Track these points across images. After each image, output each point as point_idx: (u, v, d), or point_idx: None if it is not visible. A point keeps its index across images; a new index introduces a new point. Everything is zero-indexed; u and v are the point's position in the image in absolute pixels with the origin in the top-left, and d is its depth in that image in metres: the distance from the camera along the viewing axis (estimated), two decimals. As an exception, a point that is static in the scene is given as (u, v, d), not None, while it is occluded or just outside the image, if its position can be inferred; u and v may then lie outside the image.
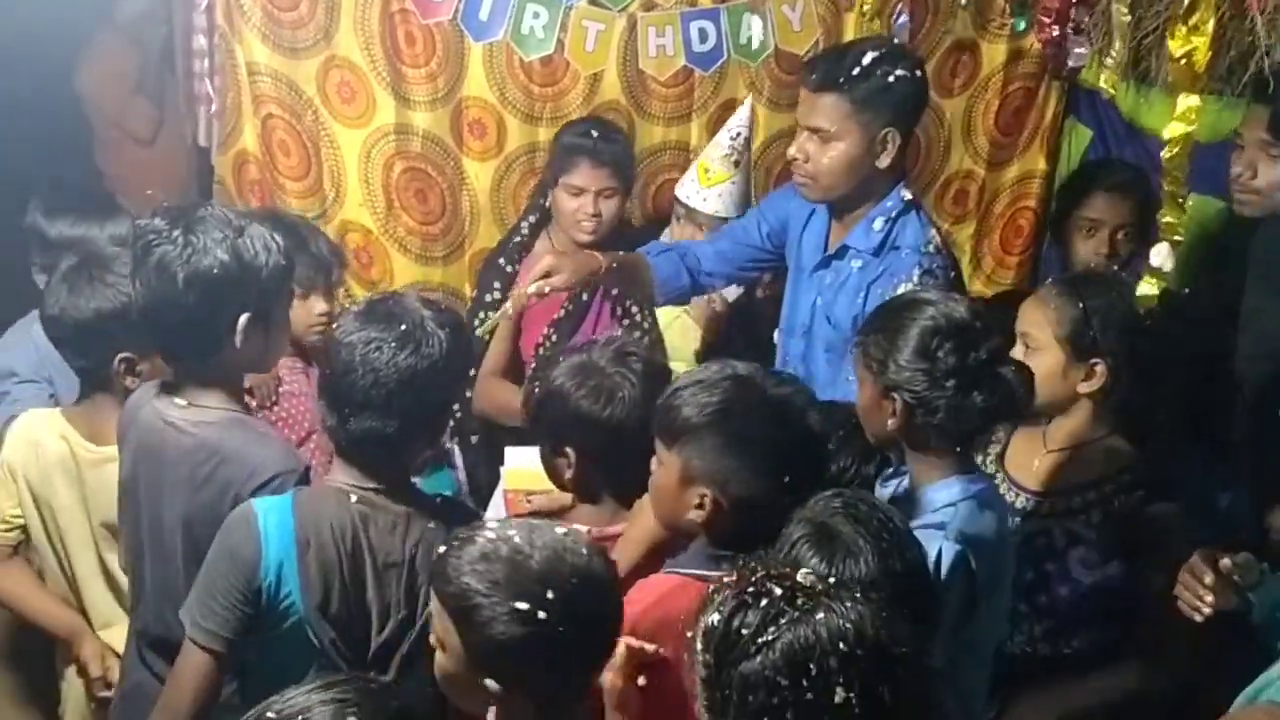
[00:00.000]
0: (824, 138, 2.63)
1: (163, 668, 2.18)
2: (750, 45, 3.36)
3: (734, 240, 2.99)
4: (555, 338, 3.19)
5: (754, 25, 3.34)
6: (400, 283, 3.44)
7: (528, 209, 3.32)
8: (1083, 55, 2.79)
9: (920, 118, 2.79)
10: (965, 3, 3.40)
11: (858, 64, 2.58)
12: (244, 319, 2.11)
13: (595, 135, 3.14)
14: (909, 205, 2.70)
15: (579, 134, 3.17)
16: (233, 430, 2.14)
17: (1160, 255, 2.28)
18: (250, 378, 2.43)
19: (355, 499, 2.03)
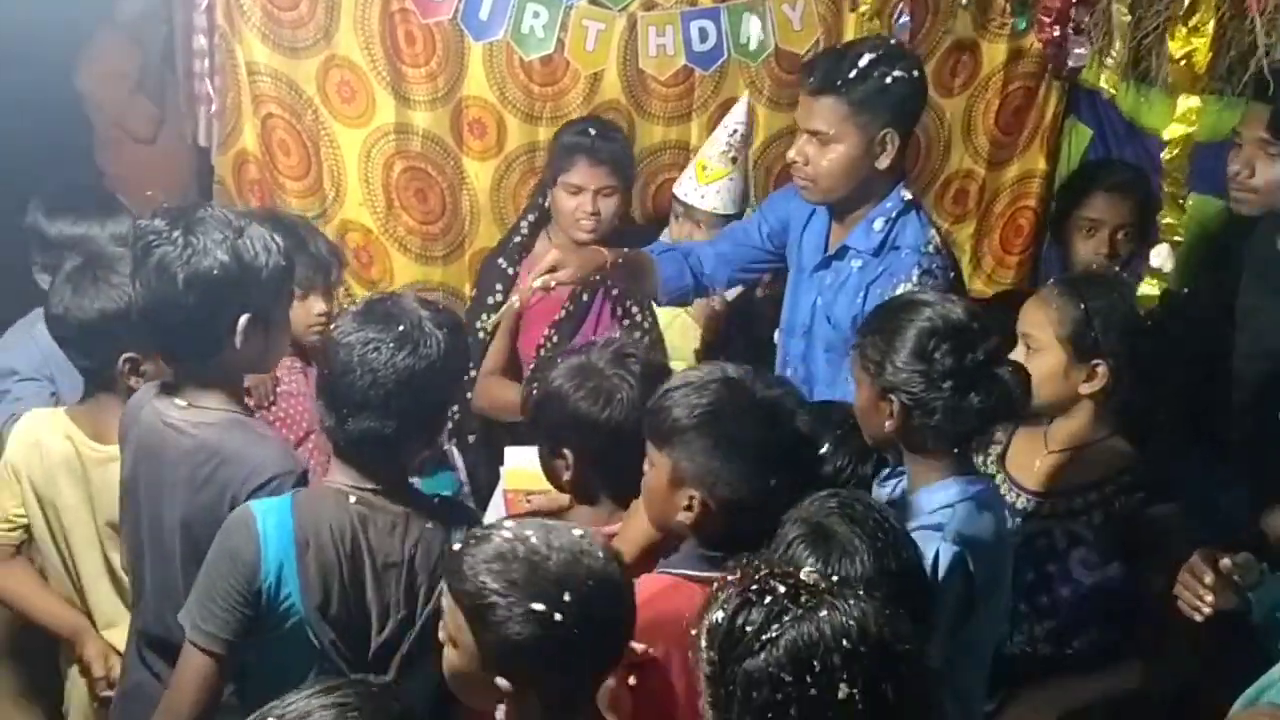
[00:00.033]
0: (823, 140, 2.63)
1: (162, 668, 2.19)
2: (750, 45, 3.36)
3: (735, 242, 2.99)
4: (556, 338, 3.19)
5: (754, 25, 3.34)
6: (400, 282, 3.44)
7: (527, 209, 3.32)
8: (1083, 55, 2.78)
9: (919, 118, 2.79)
10: (966, 2, 3.40)
11: (855, 66, 2.58)
12: (244, 320, 2.11)
13: (593, 134, 3.14)
14: (909, 205, 2.70)
15: (577, 133, 3.17)
16: (232, 431, 2.15)
17: (1160, 256, 2.28)
18: (248, 378, 2.43)
19: (354, 499, 2.04)
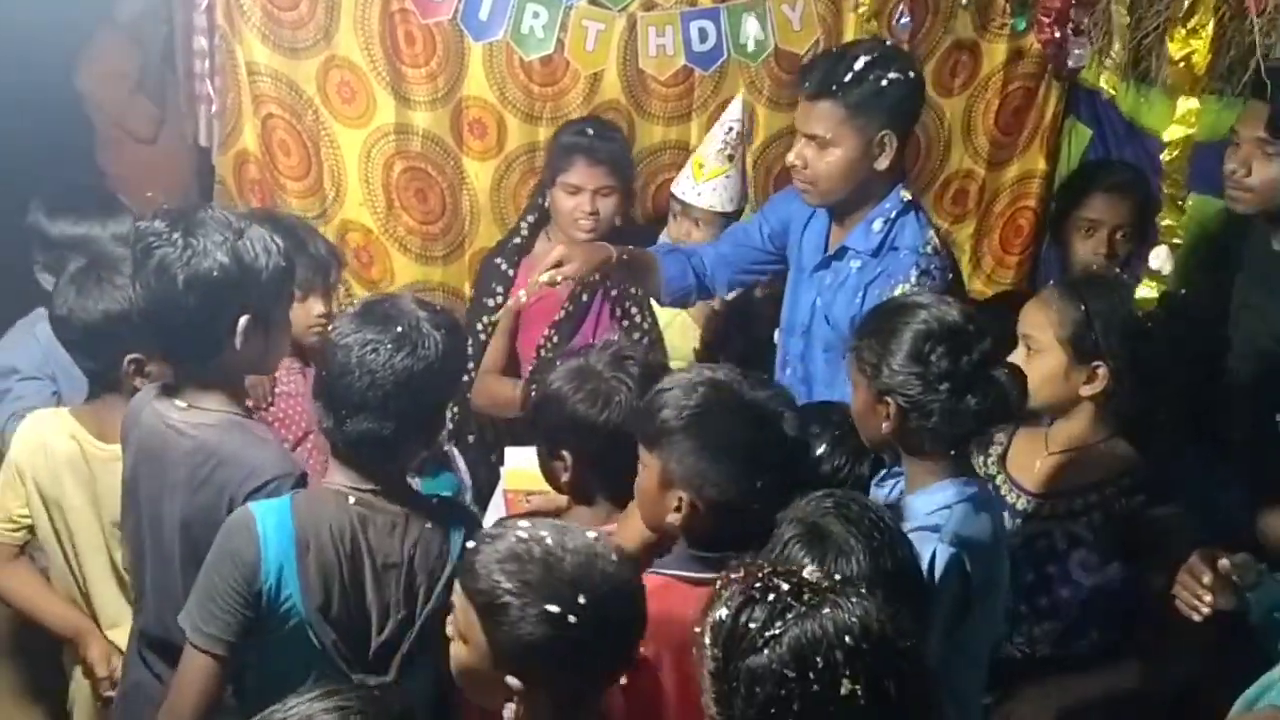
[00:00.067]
0: (821, 144, 2.64)
1: (162, 668, 2.19)
2: (750, 45, 3.36)
3: (735, 243, 3.00)
4: (555, 338, 3.20)
5: (754, 25, 3.34)
6: (400, 282, 3.45)
7: (526, 209, 3.33)
8: (1082, 56, 2.78)
9: (917, 119, 2.80)
10: (965, 3, 3.40)
11: (850, 70, 2.59)
12: (244, 321, 2.11)
13: (591, 134, 3.14)
14: (908, 206, 2.70)
15: (575, 133, 3.17)
16: (231, 433, 2.15)
17: (1159, 258, 2.27)
18: (247, 378, 2.43)
19: (353, 500, 2.04)
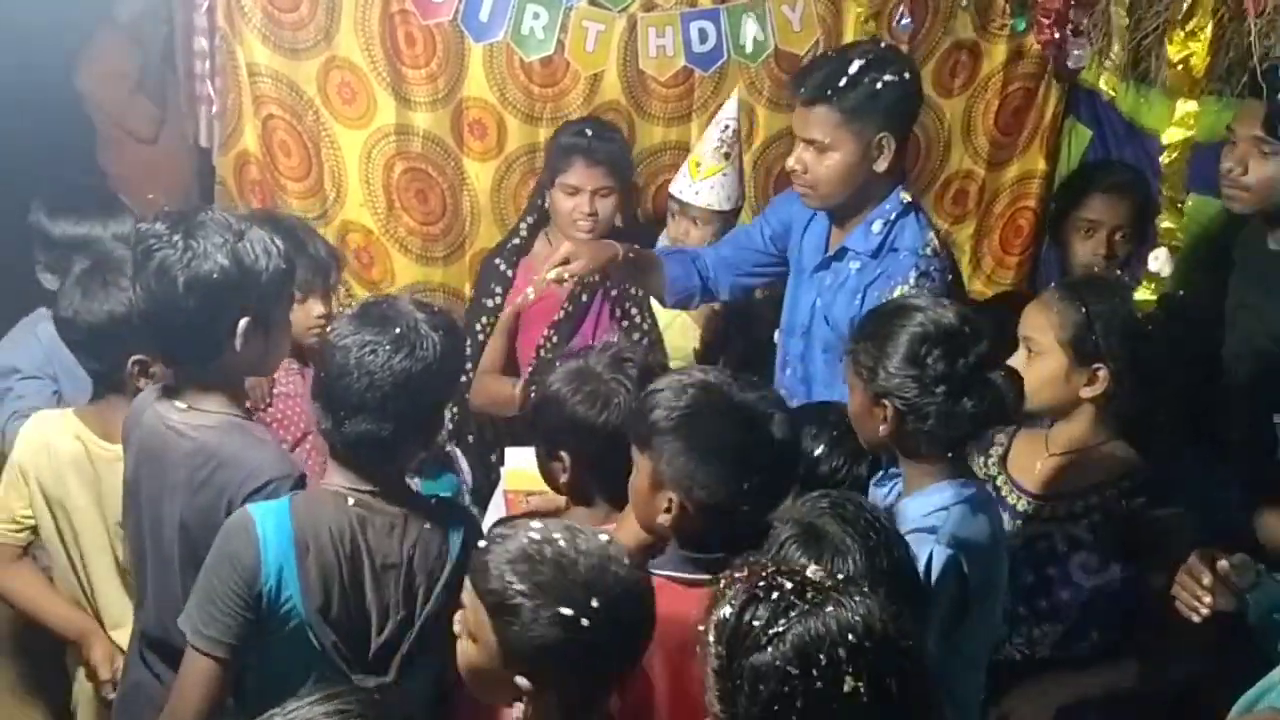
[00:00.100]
0: (819, 148, 2.64)
1: (163, 669, 2.19)
2: (750, 46, 3.36)
3: (737, 245, 3.01)
4: (555, 338, 3.20)
5: (753, 26, 3.34)
6: (401, 283, 3.45)
7: (525, 210, 3.33)
8: (1082, 57, 2.78)
9: (915, 120, 2.80)
10: (965, 3, 3.41)
11: (844, 74, 2.59)
12: (244, 323, 2.11)
13: (590, 135, 3.14)
14: (908, 208, 2.71)
15: (574, 134, 3.17)
16: (230, 434, 2.15)
17: (1158, 261, 2.28)
18: (246, 380, 2.43)
19: (352, 502, 2.04)
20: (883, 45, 2.84)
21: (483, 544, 1.73)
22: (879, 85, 2.59)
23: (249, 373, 2.31)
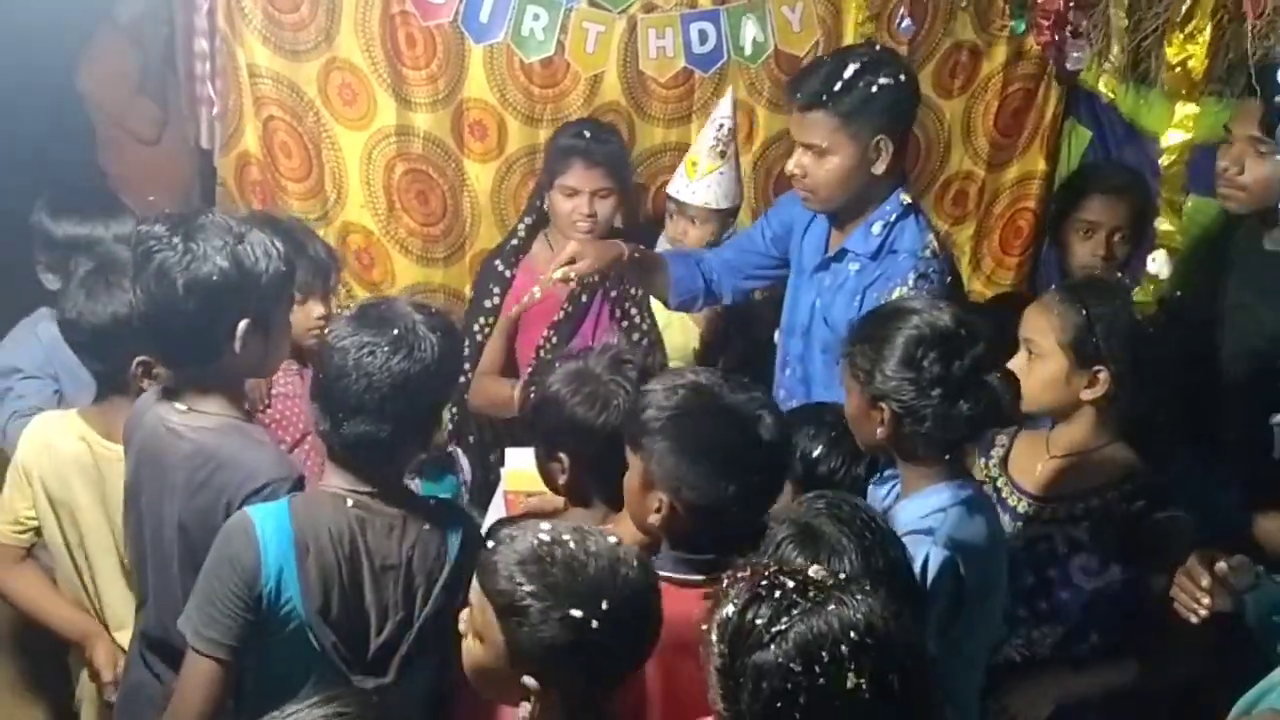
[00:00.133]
0: (818, 153, 2.65)
1: (163, 669, 2.20)
2: (749, 47, 3.36)
3: (739, 249, 3.02)
4: (554, 339, 3.20)
5: (753, 27, 3.34)
6: (402, 284, 3.46)
7: (525, 211, 3.33)
8: (1081, 59, 2.78)
9: (913, 121, 2.80)
10: (965, 4, 3.41)
11: (839, 78, 2.59)
12: (243, 325, 2.11)
13: (588, 136, 3.14)
14: (908, 209, 2.71)
15: (572, 135, 3.17)
16: (229, 436, 2.15)
17: (1156, 263, 2.28)
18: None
19: (351, 503, 2.04)
20: (878, 48, 2.84)
21: (491, 544, 1.73)
22: (874, 89, 2.60)
23: (249, 375, 2.31)
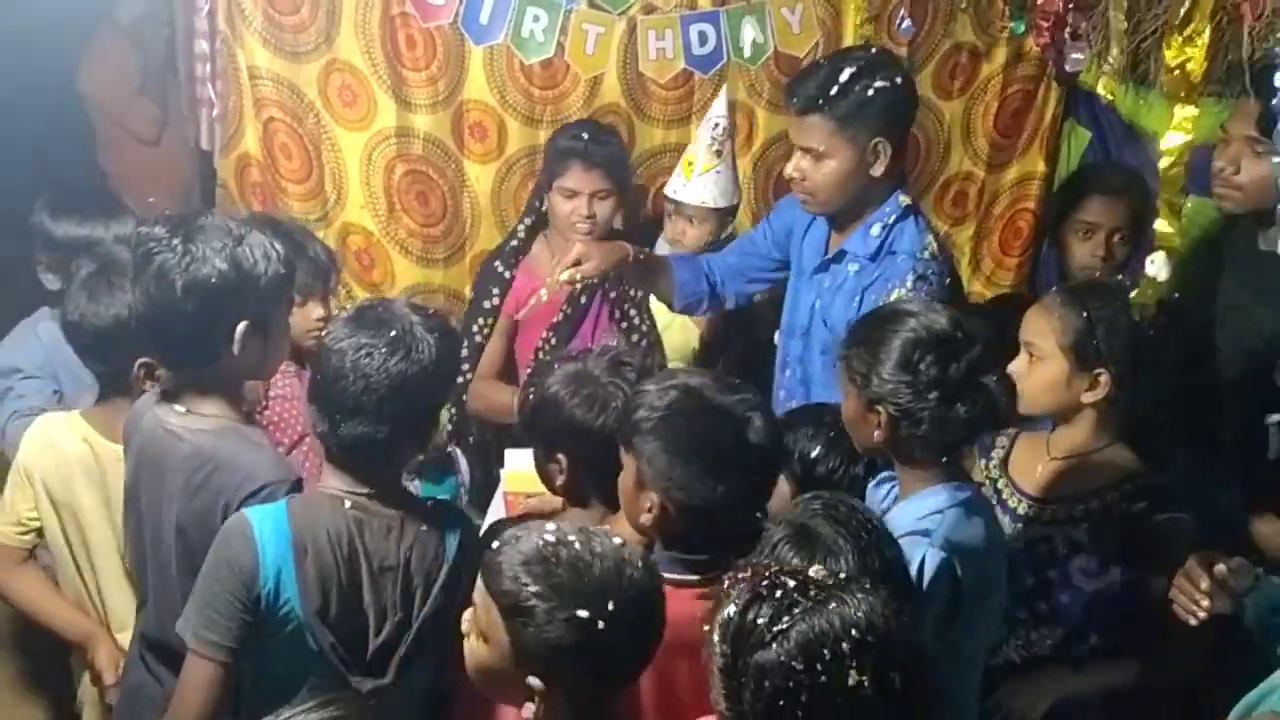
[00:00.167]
0: (816, 156, 2.65)
1: (163, 671, 2.20)
2: (749, 48, 3.36)
3: (741, 252, 3.02)
4: (553, 340, 3.21)
5: (753, 28, 3.34)
6: (402, 285, 3.46)
7: (524, 213, 3.33)
8: (1080, 60, 2.78)
9: (910, 123, 2.80)
10: (965, 6, 3.41)
11: (835, 82, 2.60)
12: (242, 327, 2.11)
13: (586, 138, 3.14)
14: (907, 211, 2.71)
15: (570, 137, 3.17)
16: (227, 438, 2.15)
17: (1155, 265, 2.28)
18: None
19: (349, 504, 2.05)
20: (873, 51, 2.84)
21: (496, 545, 1.73)
22: (870, 92, 2.60)
23: (247, 377, 2.31)
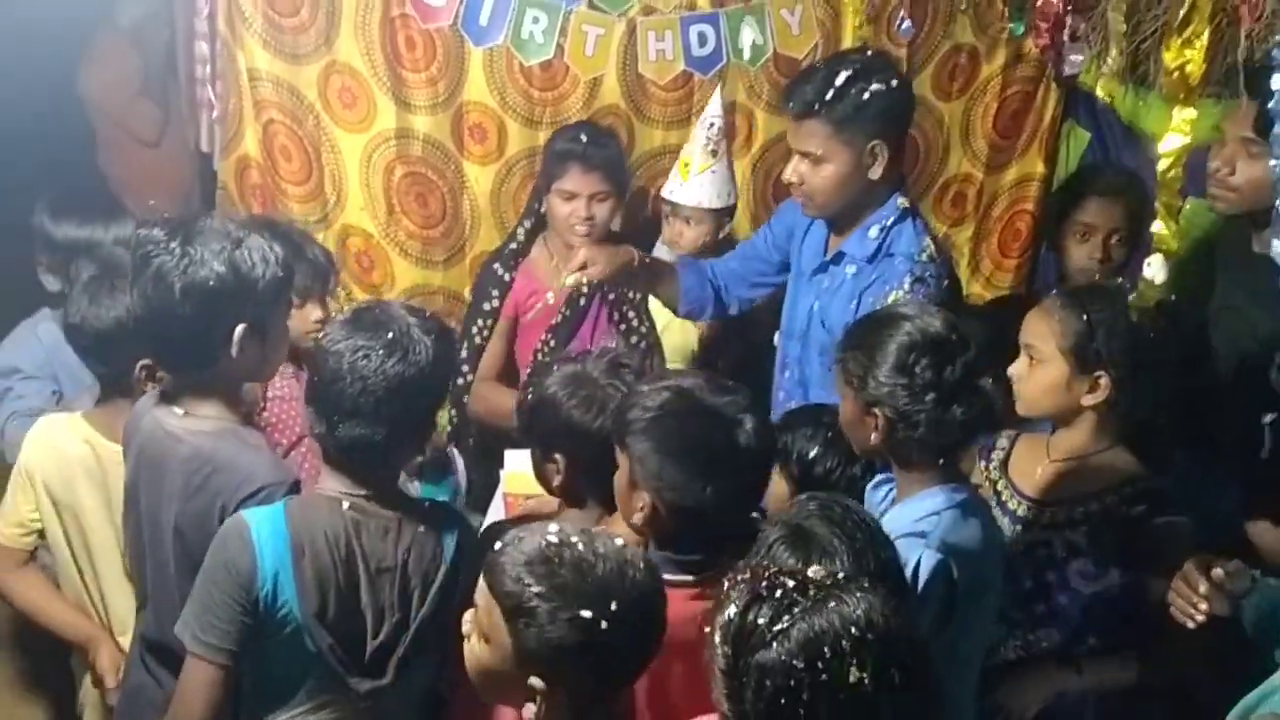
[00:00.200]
0: (814, 160, 2.66)
1: (163, 673, 2.20)
2: (749, 50, 3.36)
3: (744, 257, 3.03)
4: (553, 342, 3.21)
5: (752, 30, 3.34)
6: (401, 286, 3.46)
7: (523, 215, 3.34)
8: (1079, 62, 2.78)
9: (908, 125, 2.80)
10: (964, 7, 3.41)
11: (831, 86, 2.60)
12: (240, 330, 2.12)
13: (585, 140, 3.14)
14: (905, 213, 2.71)
15: (569, 139, 3.17)
16: (225, 440, 2.15)
17: (1152, 267, 2.28)
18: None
19: (347, 506, 2.05)
20: (870, 54, 2.84)
21: (498, 545, 1.73)
22: (866, 95, 2.60)
23: (246, 379, 2.31)
